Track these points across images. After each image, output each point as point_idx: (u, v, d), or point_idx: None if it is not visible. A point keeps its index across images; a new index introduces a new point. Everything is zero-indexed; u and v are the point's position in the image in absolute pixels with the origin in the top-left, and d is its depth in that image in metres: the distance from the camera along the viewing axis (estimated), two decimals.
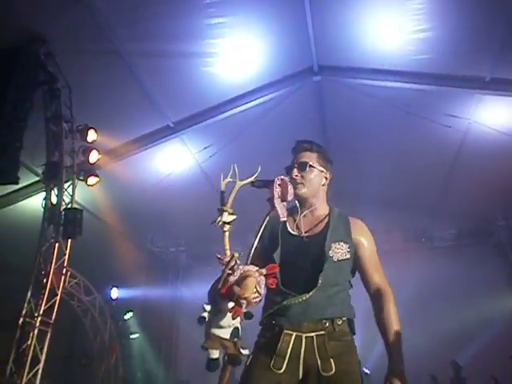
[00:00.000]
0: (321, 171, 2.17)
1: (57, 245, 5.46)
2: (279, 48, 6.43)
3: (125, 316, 9.29)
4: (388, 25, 5.88)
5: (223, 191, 1.85)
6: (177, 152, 7.87)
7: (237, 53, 6.28)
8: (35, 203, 6.84)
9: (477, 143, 7.37)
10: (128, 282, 9.42)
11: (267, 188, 1.88)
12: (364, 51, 6.40)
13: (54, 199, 5.76)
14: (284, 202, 1.86)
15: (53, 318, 5.26)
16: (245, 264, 1.71)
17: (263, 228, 1.86)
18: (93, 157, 6.06)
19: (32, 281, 5.34)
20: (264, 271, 1.68)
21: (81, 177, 6.07)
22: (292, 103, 7.22)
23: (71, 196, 5.87)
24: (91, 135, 5.98)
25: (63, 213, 5.59)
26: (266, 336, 1.95)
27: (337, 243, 2.01)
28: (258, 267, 1.69)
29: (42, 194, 5.98)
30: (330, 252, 1.97)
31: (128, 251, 8.65)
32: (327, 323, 1.90)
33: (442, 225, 9.84)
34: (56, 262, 5.44)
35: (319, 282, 1.90)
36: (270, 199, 1.87)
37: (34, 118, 5.08)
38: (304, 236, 2.07)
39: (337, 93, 7.24)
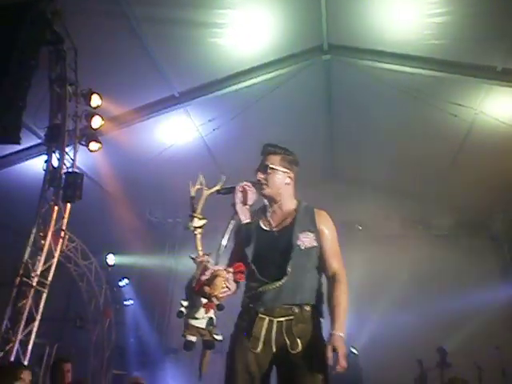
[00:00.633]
0: (284, 172, 2.36)
1: (56, 208, 5.48)
2: (290, 24, 6.31)
3: (120, 282, 9.41)
4: (403, 7, 5.74)
5: (193, 197, 2.08)
6: (180, 123, 7.82)
7: (246, 25, 6.17)
8: (36, 166, 6.85)
9: (482, 134, 7.31)
10: (125, 250, 9.52)
11: (232, 194, 2.15)
12: (376, 33, 6.29)
13: (56, 162, 5.76)
14: (246, 206, 2.13)
15: (49, 279, 5.34)
16: (215, 263, 2.00)
17: (239, 230, 2.25)
18: (96, 122, 6.03)
19: (30, 242, 5.39)
20: (231, 269, 2.00)
21: (83, 142, 6.06)
22: (299, 81, 7.13)
23: (72, 160, 5.87)
24: (95, 100, 5.94)
25: (64, 176, 5.60)
26: (245, 319, 2.21)
27: (303, 233, 2.23)
28: (227, 266, 2.02)
29: (44, 157, 5.98)
30: (298, 241, 2.20)
31: (126, 219, 8.70)
32: (296, 309, 2.14)
33: (441, 214, 9.86)
34: (55, 225, 5.49)
35: (288, 270, 2.14)
36: (233, 204, 2.15)
37: (38, 79, 5.02)
38: (274, 230, 2.31)
39: (345, 73, 7.16)
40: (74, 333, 8.13)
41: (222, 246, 2.10)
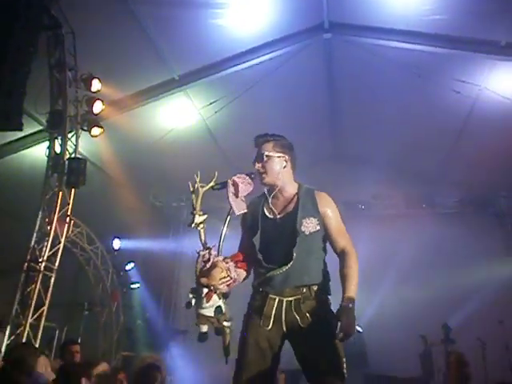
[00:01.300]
0: (278, 156, 2.40)
1: (60, 193, 5.52)
2: (290, 2, 6.23)
3: (126, 266, 9.51)
4: None
5: (192, 192, 2.15)
6: (182, 106, 7.78)
7: (246, 5, 6.09)
8: (39, 152, 6.86)
9: (486, 111, 7.23)
10: (130, 234, 9.57)
11: (225, 189, 2.21)
12: (377, 9, 6.20)
13: (58, 148, 5.77)
14: (239, 198, 2.20)
15: (56, 264, 5.41)
16: (217, 254, 2.08)
17: (243, 219, 2.39)
18: (97, 107, 6.01)
19: (36, 228, 5.45)
20: (229, 259, 2.08)
21: (84, 127, 6.05)
22: (301, 61, 7.06)
23: (75, 146, 5.88)
24: (95, 85, 5.91)
25: (67, 162, 5.62)
26: (257, 299, 2.32)
27: (307, 218, 2.30)
28: (228, 257, 2.11)
29: (46, 144, 5.99)
30: (302, 227, 2.28)
31: (130, 204, 8.74)
32: (304, 289, 2.24)
33: (444, 192, 9.84)
34: (60, 211, 5.53)
35: (294, 255, 2.23)
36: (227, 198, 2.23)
37: (38, 65, 4.99)
38: (278, 217, 2.38)
39: (347, 51, 7.07)
40: (83, 316, 8.24)
41: (222, 239, 2.18)
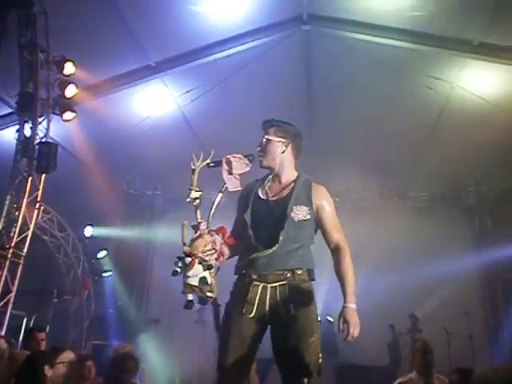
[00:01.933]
0: (278, 141, 2.45)
1: (30, 178, 5.39)
2: None
3: (98, 254, 9.36)
4: None
5: (193, 170, 2.22)
6: (158, 94, 7.66)
7: None
8: (8, 136, 6.65)
9: (457, 108, 7.42)
10: (103, 222, 9.42)
11: (220, 166, 2.28)
12: (357, 3, 6.23)
13: (28, 132, 5.62)
14: (233, 175, 2.26)
15: (25, 251, 5.29)
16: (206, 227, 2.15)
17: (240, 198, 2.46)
18: (70, 91, 5.86)
19: (4, 213, 5.31)
20: (214, 232, 2.14)
21: (56, 111, 5.90)
22: (279, 52, 7.03)
23: (46, 130, 5.73)
24: (68, 68, 5.76)
25: (37, 147, 5.48)
26: (239, 286, 2.31)
27: (298, 206, 2.32)
28: (214, 230, 2.15)
29: (15, 127, 5.82)
30: (292, 213, 2.29)
31: (104, 191, 8.57)
32: (288, 274, 2.24)
33: (416, 186, 10.08)
34: (29, 196, 5.40)
35: (280, 239, 2.23)
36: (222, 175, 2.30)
37: (7, 45, 4.83)
38: (271, 200, 2.40)
39: (325, 44, 7.07)
40: (53, 304, 8.10)
41: (212, 212, 2.21)
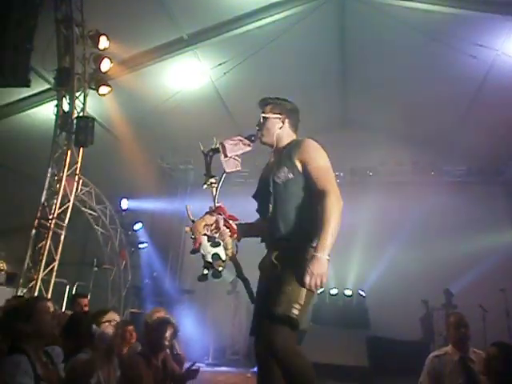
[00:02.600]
0: (275, 118, 2.50)
1: (69, 152, 5.55)
2: None
3: (134, 226, 9.64)
4: None
5: (206, 155, 2.43)
6: (190, 67, 7.65)
7: None
8: (47, 111, 6.84)
9: (500, 78, 7.03)
10: (138, 195, 9.66)
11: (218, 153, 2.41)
12: None
13: (66, 107, 5.76)
14: (229, 157, 2.37)
15: (66, 222, 5.51)
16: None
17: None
18: (105, 65, 5.94)
19: (46, 186, 5.52)
20: (213, 212, 2.34)
21: (92, 86, 6.00)
22: (312, 21, 6.85)
23: (83, 104, 5.85)
24: (103, 42, 5.82)
25: (75, 121, 5.62)
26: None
27: (280, 168, 2.36)
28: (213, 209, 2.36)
29: (54, 102, 5.97)
30: (275, 178, 2.35)
31: (138, 165, 8.76)
32: (284, 242, 2.30)
33: (453, 160, 9.76)
34: (68, 169, 5.58)
35: (270, 206, 2.34)
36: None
37: (44, 20, 4.91)
38: (264, 172, 2.53)
39: (360, 12, 6.84)
40: (92, 273, 8.44)
41: (216, 194, 2.39)
